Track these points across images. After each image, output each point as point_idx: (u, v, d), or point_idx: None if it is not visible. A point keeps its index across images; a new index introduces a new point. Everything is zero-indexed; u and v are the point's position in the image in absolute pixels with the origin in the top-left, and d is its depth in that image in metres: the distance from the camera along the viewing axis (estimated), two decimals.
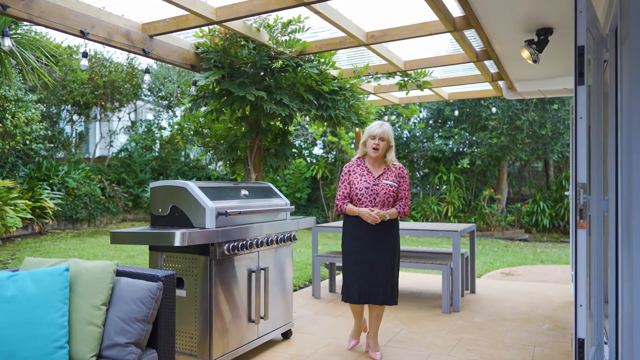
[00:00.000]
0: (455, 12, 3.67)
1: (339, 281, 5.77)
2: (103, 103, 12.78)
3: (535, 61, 3.94)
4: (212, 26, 4.13)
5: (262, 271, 3.50)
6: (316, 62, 4.62)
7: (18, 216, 8.03)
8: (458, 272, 4.69)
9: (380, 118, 12.48)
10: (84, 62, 3.54)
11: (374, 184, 3.31)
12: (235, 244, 3.18)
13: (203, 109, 4.88)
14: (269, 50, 4.29)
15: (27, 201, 8.64)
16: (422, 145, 12.67)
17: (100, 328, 2.13)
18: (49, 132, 11.26)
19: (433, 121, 12.88)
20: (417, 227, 5.11)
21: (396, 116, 13.07)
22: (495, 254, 8.58)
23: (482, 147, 11.66)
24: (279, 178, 12.73)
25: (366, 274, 3.27)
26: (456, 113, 8.94)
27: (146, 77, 4.23)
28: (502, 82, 6.04)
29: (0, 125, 8.09)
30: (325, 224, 5.41)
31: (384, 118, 12.75)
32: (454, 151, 12.39)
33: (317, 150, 13.77)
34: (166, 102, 13.71)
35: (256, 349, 3.57)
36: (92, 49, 12.17)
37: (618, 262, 2.63)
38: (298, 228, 3.88)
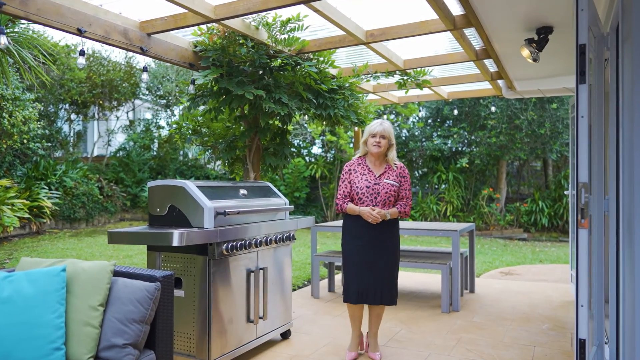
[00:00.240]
0: (455, 11, 3.65)
1: (338, 281, 5.75)
2: (101, 102, 12.74)
3: (535, 60, 3.92)
4: (211, 24, 4.10)
5: (261, 271, 3.48)
6: (315, 61, 4.59)
7: (15, 216, 7.99)
8: (457, 272, 4.68)
9: (379, 117, 12.46)
10: (81, 61, 3.50)
11: (375, 183, 3.28)
12: (233, 244, 3.16)
13: (201, 108, 4.85)
14: (268, 48, 4.27)
15: (25, 200, 8.61)
16: (421, 144, 12.66)
17: (97, 329, 2.11)
18: (47, 131, 11.22)
19: (432, 120, 12.87)
20: (417, 227, 5.09)
21: (395, 115, 13.06)
22: (494, 254, 8.57)
23: (481, 147, 11.66)
24: (278, 177, 12.71)
25: (366, 274, 3.24)
26: (455, 112, 8.93)
27: (144, 76, 4.20)
28: (502, 81, 6.02)
29: None
30: (324, 224, 5.39)
31: (383, 117, 12.73)
32: (453, 150, 12.39)
33: (316, 149, 13.76)
34: (164, 101, 13.67)
35: (255, 349, 3.55)
36: (90, 48, 12.12)
37: (619, 262, 2.61)
38: (297, 228, 3.86)
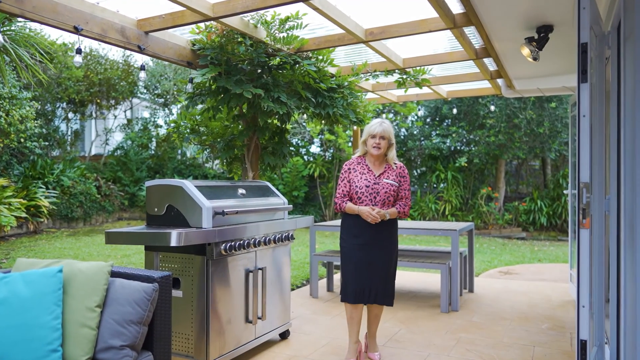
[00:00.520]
0: (455, 9, 3.63)
1: (337, 280, 5.73)
2: (99, 101, 12.69)
3: (535, 59, 3.90)
4: (209, 22, 4.08)
5: (260, 271, 3.46)
6: (314, 60, 4.56)
7: (12, 215, 7.95)
8: (457, 271, 4.66)
9: (378, 116, 12.45)
10: (78, 59, 3.47)
11: (375, 183, 3.26)
12: (232, 244, 3.14)
13: (200, 107, 4.82)
14: (267, 47, 4.24)
15: (22, 200, 8.57)
16: (420, 143, 12.65)
17: (94, 330, 2.08)
18: (44, 130, 11.17)
19: (431, 119, 12.86)
20: (416, 226, 5.07)
21: (394, 114, 13.04)
22: (493, 253, 8.56)
23: (480, 146, 11.65)
24: (276, 176, 12.68)
25: (365, 273, 3.22)
26: (455, 111, 8.90)
27: (142, 74, 4.17)
28: (501, 80, 6.01)
29: None
30: (322, 223, 5.37)
31: (382, 116, 12.71)
32: (452, 149, 12.38)
33: (315, 148, 13.73)
34: (162, 100, 13.63)
35: (254, 350, 3.52)
36: (87, 46, 12.08)
37: (620, 262, 2.60)
38: (296, 227, 3.84)
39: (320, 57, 4.61)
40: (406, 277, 6.28)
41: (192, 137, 5.05)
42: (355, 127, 6.44)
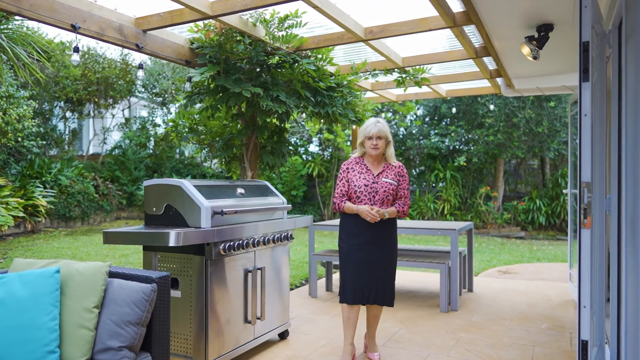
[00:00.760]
0: (455, 8, 3.61)
1: (336, 280, 5.71)
2: (96, 100, 12.65)
3: (535, 58, 3.89)
4: (208, 21, 4.05)
5: (259, 271, 3.44)
6: (313, 58, 4.54)
7: (10, 214, 7.91)
8: (456, 271, 4.65)
9: (376, 115, 12.43)
10: (76, 57, 3.44)
11: (374, 182, 3.24)
12: (231, 244, 3.12)
13: (198, 106, 4.80)
14: (266, 45, 4.22)
15: (19, 199, 8.53)
16: (419, 142, 12.64)
17: (92, 331, 2.06)
18: (42, 129, 11.13)
19: (429, 118, 12.85)
20: (416, 226, 5.06)
21: (392, 113, 13.03)
22: (491, 252, 8.56)
23: (479, 145, 11.64)
24: (275, 176, 12.66)
25: (364, 274, 3.19)
26: (454, 110, 8.88)
27: (140, 73, 4.14)
28: (501, 79, 5.99)
29: None
30: (321, 222, 5.35)
31: (381, 115, 12.70)
32: (451, 149, 12.37)
33: (313, 147, 13.71)
34: (160, 99, 13.59)
35: (253, 350, 3.51)
36: (85, 45, 12.03)
37: (620, 262, 2.59)
38: (295, 227, 3.82)
39: (319, 56, 4.59)
40: (405, 277, 6.26)
41: (191, 136, 5.02)
42: (354, 126, 6.42)
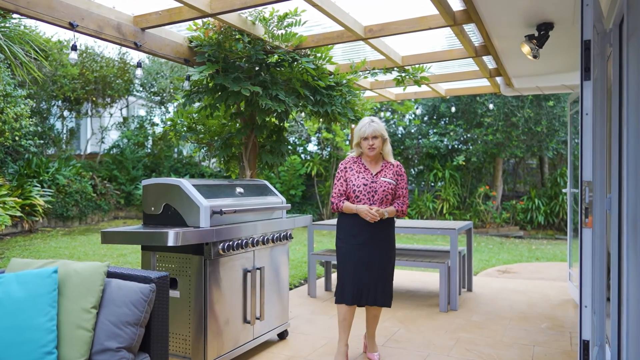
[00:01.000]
0: (455, 6, 3.60)
1: (335, 279, 5.70)
2: (94, 99, 12.60)
3: (535, 57, 3.88)
4: (206, 19, 4.03)
5: (258, 271, 3.42)
6: (312, 57, 4.52)
7: (7, 214, 7.88)
8: (456, 271, 4.64)
9: (375, 114, 12.42)
10: (73, 56, 3.42)
11: (372, 182, 3.21)
12: (230, 244, 3.10)
13: (197, 105, 4.77)
14: (265, 44, 4.19)
15: (17, 198, 8.49)
16: (417, 141, 12.63)
17: (90, 332, 2.04)
18: (39, 128, 11.08)
19: (428, 118, 12.84)
20: (415, 225, 5.04)
21: (391, 112, 13.02)
22: (490, 251, 8.55)
23: (478, 144, 11.64)
24: (273, 175, 12.63)
25: (363, 274, 3.16)
26: (453, 110, 8.89)
27: (138, 72, 4.11)
28: (500, 78, 5.98)
29: None
30: (320, 222, 5.33)
31: (380, 114, 12.68)
32: (449, 148, 12.36)
33: (312, 146, 13.69)
34: (158, 98, 13.54)
35: (252, 351, 3.49)
36: (83, 44, 11.98)
37: (621, 261, 2.57)
38: (294, 226, 3.80)
39: (318, 55, 4.57)
40: (404, 276, 6.25)
41: (189, 136, 5.00)
42: (353, 126, 6.40)
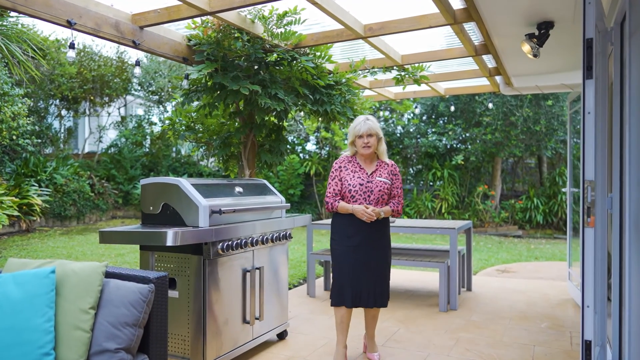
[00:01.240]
0: (455, 5, 3.58)
1: None
2: (92, 98, 12.55)
3: (535, 55, 3.86)
4: (205, 17, 4.00)
5: (257, 271, 3.40)
6: (312, 56, 4.50)
7: (4, 213, 7.83)
8: (455, 270, 4.63)
9: (374, 113, 12.40)
10: (71, 54, 3.39)
11: (368, 181, 3.17)
12: (229, 243, 3.08)
13: (195, 104, 4.75)
14: (264, 42, 4.17)
15: (14, 198, 8.45)
16: (416, 141, 12.62)
17: (88, 333, 2.02)
18: (37, 127, 11.03)
19: (427, 117, 12.83)
20: (415, 225, 5.02)
21: (390, 112, 13.00)
22: (489, 251, 8.55)
23: (476, 144, 11.63)
24: (272, 174, 12.61)
25: (361, 275, 3.12)
26: (452, 109, 8.90)
27: (136, 70, 4.09)
28: (500, 78, 5.97)
29: None
30: (319, 221, 5.31)
31: (379, 113, 12.67)
32: (448, 147, 12.35)
33: (310, 146, 13.67)
34: (157, 97, 13.50)
35: (251, 351, 3.47)
36: (81, 42, 11.93)
37: (622, 261, 2.56)
38: (294, 226, 3.78)
39: (318, 54, 4.55)
40: (403, 276, 6.24)
41: (188, 135, 4.97)
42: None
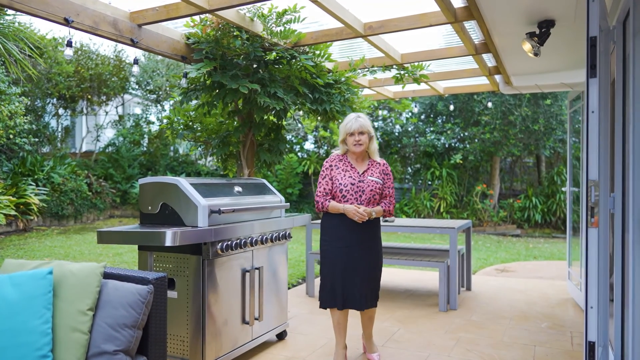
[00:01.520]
0: (456, 3, 3.55)
1: None
2: (89, 96, 12.50)
3: (536, 54, 3.84)
4: (204, 15, 3.97)
5: (257, 271, 3.38)
6: (311, 54, 4.47)
7: (1, 213, 7.78)
8: (455, 270, 4.61)
9: (372, 112, 12.39)
10: (68, 52, 3.35)
11: (360, 180, 3.11)
12: (228, 243, 3.05)
13: (194, 103, 4.71)
14: (263, 41, 4.14)
15: (11, 197, 8.40)
16: (415, 140, 12.60)
17: (86, 335, 1.99)
18: (34, 126, 10.97)
19: (425, 116, 12.81)
20: (414, 224, 5.00)
21: (388, 111, 12.98)
22: (488, 250, 8.54)
23: (475, 143, 11.62)
24: (270, 173, 12.57)
25: (354, 277, 3.06)
26: (452, 108, 8.89)
27: (135, 69, 4.05)
28: (499, 77, 5.95)
29: None
30: (318, 221, 5.27)
31: (378, 112, 12.64)
32: (446, 146, 12.34)
33: (309, 145, 13.64)
34: (154, 96, 13.45)
35: (250, 352, 3.45)
36: (78, 41, 11.88)
37: (625, 262, 2.55)
38: (293, 226, 3.76)
39: (317, 52, 4.52)
40: (401, 275, 6.22)
41: (186, 134, 4.94)
42: None
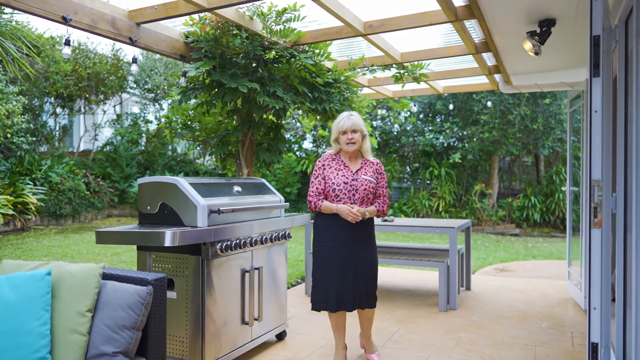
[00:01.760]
0: (457, 2, 3.54)
1: None
2: (87, 95, 12.45)
3: (537, 53, 3.83)
4: (203, 14, 3.94)
5: (256, 271, 3.36)
6: (311, 53, 4.45)
7: None
8: (455, 269, 4.60)
9: (371, 112, 12.37)
10: (66, 51, 3.32)
11: (353, 179, 3.07)
12: (228, 243, 3.03)
13: (193, 102, 4.69)
14: (263, 40, 4.12)
15: (9, 196, 8.36)
16: (413, 139, 12.59)
17: (85, 336, 1.97)
18: (31, 125, 10.92)
19: (424, 115, 12.80)
20: (414, 224, 4.99)
21: (387, 110, 12.97)
22: (487, 249, 8.53)
23: (474, 142, 11.62)
24: (269, 173, 12.55)
25: (349, 278, 3.02)
26: (451, 107, 8.87)
27: (133, 67, 4.02)
28: (499, 76, 5.94)
29: None
30: None
31: (376, 112, 12.63)
32: (445, 146, 12.34)
33: (307, 144, 13.62)
34: (152, 95, 13.41)
35: (250, 352, 3.43)
36: (76, 40, 11.83)
37: (627, 262, 2.53)
38: (293, 225, 3.74)
39: (317, 51, 4.50)
40: (401, 275, 6.21)
41: (185, 133, 4.91)
42: None
